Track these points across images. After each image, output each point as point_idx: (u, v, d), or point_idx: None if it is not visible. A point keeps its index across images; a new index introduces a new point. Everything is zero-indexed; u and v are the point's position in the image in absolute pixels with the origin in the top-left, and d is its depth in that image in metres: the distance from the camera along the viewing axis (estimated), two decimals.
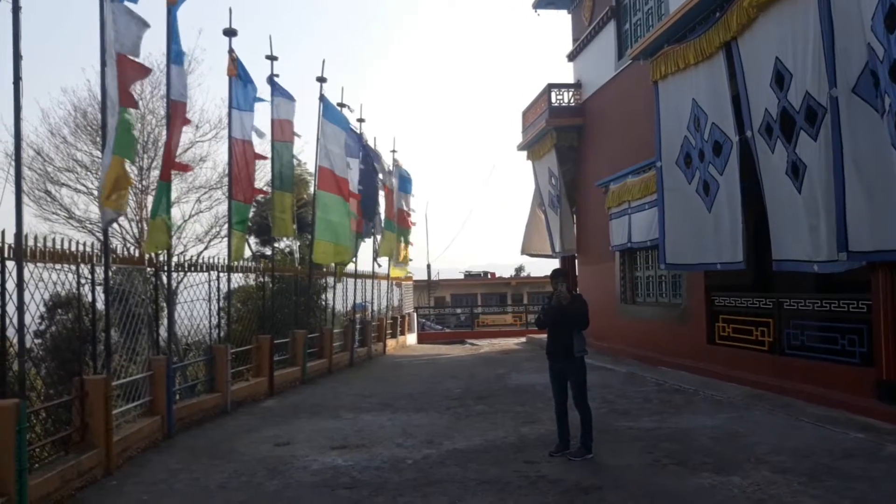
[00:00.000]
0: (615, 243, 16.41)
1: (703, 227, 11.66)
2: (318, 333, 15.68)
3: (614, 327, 16.76)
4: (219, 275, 11.08)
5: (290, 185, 13.64)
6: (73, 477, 6.54)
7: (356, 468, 7.16)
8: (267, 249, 21.05)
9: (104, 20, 7.53)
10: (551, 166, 20.02)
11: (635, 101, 15.25)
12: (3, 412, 5.60)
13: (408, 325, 25.60)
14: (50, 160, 18.22)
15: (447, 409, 10.55)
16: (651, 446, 7.73)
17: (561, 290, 7.48)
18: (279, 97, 13.11)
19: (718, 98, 11.06)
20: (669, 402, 10.59)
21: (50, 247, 6.81)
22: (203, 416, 9.83)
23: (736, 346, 12.01)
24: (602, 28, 18.20)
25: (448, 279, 46.81)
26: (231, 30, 11.20)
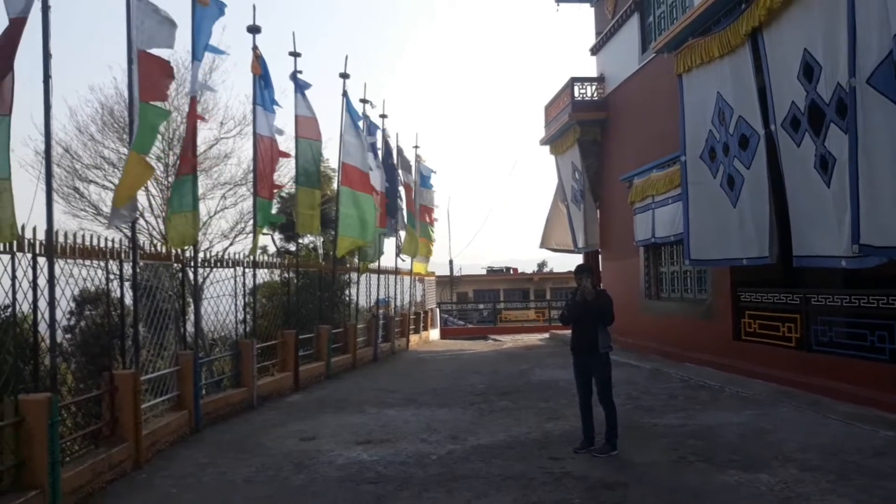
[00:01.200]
0: (639, 238, 16.29)
1: (728, 222, 11.54)
2: (342, 329, 15.76)
3: (638, 323, 16.65)
4: (244, 271, 11.17)
5: (316, 182, 13.71)
6: (103, 470, 6.65)
7: (381, 463, 7.20)
8: (291, 245, 21.20)
9: (130, 18, 7.62)
10: (574, 161, 19.92)
11: (659, 94, 15.12)
12: (36, 406, 5.70)
13: (430, 320, 25.66)
14: (78, 157, 18.51)
15: (471, 404, 10.56)
16: (676, 443, 7.69)
17: (585, 285, 7.45)
18: (302, 94, 13.17)
19: (745, 91, 10.92)
20: (695, 398, 10.52)
21: (80, 243, 6.91)
22: (229, 411, 9.93)
23: (762, 343, 11.88)
24: (625, 21, 18.05)
25: (470, 275, 46.75)
26: (255, 27, 11.26)
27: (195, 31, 9.00)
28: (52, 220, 6.11)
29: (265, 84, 11.61)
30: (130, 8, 7.57)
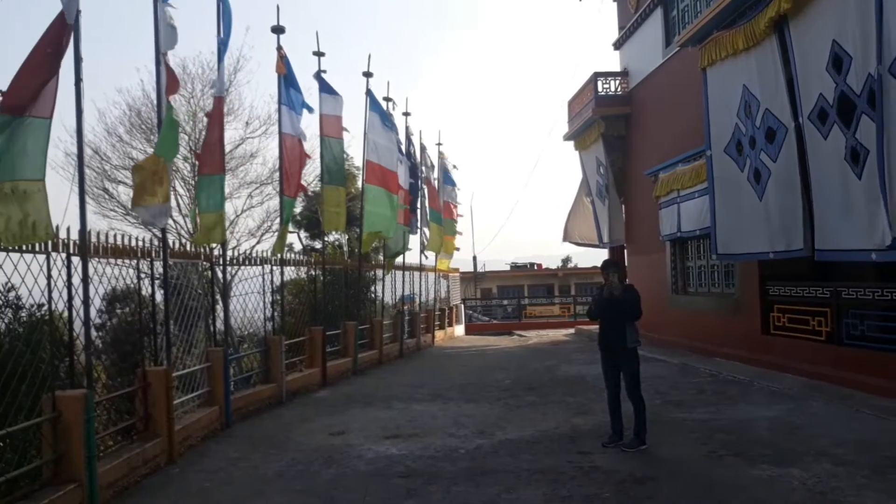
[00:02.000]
0: (664, 233, 16.19)
1: (755, 216, 11.43)
2: (368, 325, 15.85)
3: (665, 318, 16.56)
4: (272, 268, 11.28)
5: (341, 180, 13.80)
6: (138, 464, 6.77)
7: (410, 457, 7.24)
8: (317, 243, 21.35)
9: (157, 21, 7.73)
10: (599, 156, 19.83)
11: (684, 88, 15.00)
12: (72, 402, 5.82)
13: (455, 316, 25.70)
14: (107, 159, 18.80)
15: (498, 399, 10.58)
16: (706, 437, 7.64)
17: (613, 280, 7.43)
18: (326, 93, 13.25)
19: (771, 83, 10.80)
20: (724, 393, 10.44)
21: (112, 243, 7.03)
22: (259, 407, 10.05)
23: (792, 337, 11.75)
24: (649, 15, 17.92)
25: (494, 271, 46.73)
26: (279, 27, 11.35)
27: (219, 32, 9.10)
28: (86, 220, 6.22)
29: (290, 84, 11.69)
30: (157, 11, 7.67)
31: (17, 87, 5.39)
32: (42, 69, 5.52)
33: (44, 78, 5.51)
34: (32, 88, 5.43)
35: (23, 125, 5.37)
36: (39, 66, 5.51)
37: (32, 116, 5.45)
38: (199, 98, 18.59)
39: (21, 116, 5.37)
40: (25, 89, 5.40)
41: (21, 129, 5.36)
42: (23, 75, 5.42)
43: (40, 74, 5.50)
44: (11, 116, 5.31)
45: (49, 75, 5.53)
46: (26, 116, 5.40)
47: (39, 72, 5.50)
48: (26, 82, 5.42)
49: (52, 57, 5.57)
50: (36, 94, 5.45)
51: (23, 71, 5.43)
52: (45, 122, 5.55)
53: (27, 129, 5.39)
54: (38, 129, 5.50)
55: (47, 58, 5.55)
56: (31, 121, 5.43)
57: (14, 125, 5.30)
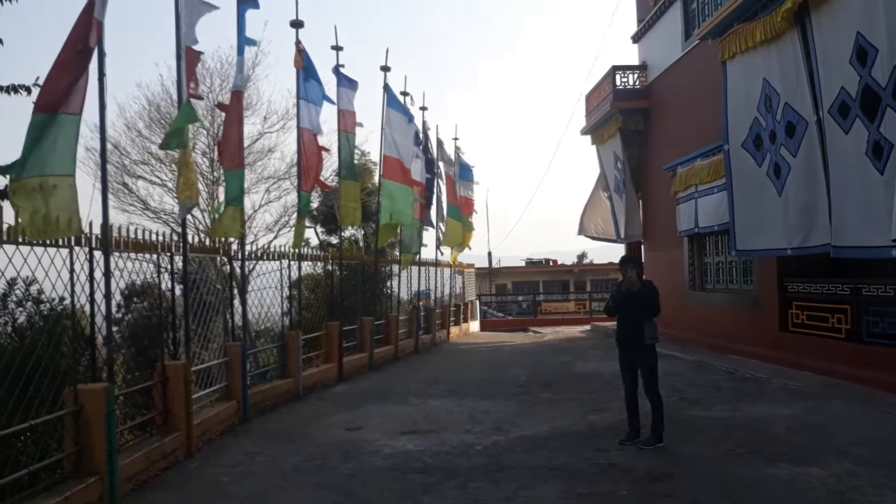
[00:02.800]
0: (682, 228, 16.09)
1: (774, 212, 11.33)
2: (384, 320, 15.89)
3: (682, 315, 16.47)
4: (290, 263, 11.33)
5: (357, 174, 13.82)
6: (157, 458, 6.83)
7: (426, 453, 7.26)
8: (333, 238, 21.40)
9: (179, 15, 7.75)
10: (616, 150, 19.74)
11: (704, 81, 14.88)
12: (94, 395, 5.88)
13: (470, 312, 25.71)
14: (126, 153, 18.92)
15: (513, 396, 10.57)
16: (724, 435, 7.60)
17: (631, 276, 7.40)
18: (344, 87, 13.27)
19: (792, 77, 10.70)
20: (741, 390, 10.38)
21: (133, 237, 7.09)
22: (276, 402, 10.10)
23: (810, 334, 11.66)
24: (668, 8, 17.80)
25: (509, 266, 46.66)
26: (298, 21, 11.37)
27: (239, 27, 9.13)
28: (108, 214, 6.27)
29: (309, 76, 11.70)
30: (179, 5, 7.70)
31: (50, 87, 5.46)
32: (73, 67, 5.58)
33: (75, 75, 5.57)
34: (64, 86, 5.50)
35: (55, 122, 5.43)
36: (70, 63, 5.57)
37: (64, 113, 5.51)
38: (218, 93, 18.66)
39: (55, 114, 5.43)
40: (58, 88, 5.46)
41: (52, 126, 5.42)
42: (54, 74, 5.49)
43: (71, 72, 5.56)
44: (45, 115, 5.38)
45: (80, 73, 5.59)
46: (59, 113, 5.47)
47: (70, 69, 5.56)
48: (58, 81, 5.49)
49: (81, 54, 5.62)
50: (68, 92, 5.52)
51: (54, 70, 5.49)
52: (75, 118, 5.61)
53: (58, 125, 5.46)
54: (69, 125, 5.57)
55: (77, 55, 5.60)
56: (62, 117, 5.50)
57: (47, 123, 5.37)
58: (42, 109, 5.37)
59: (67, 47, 5.56)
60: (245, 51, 9.42)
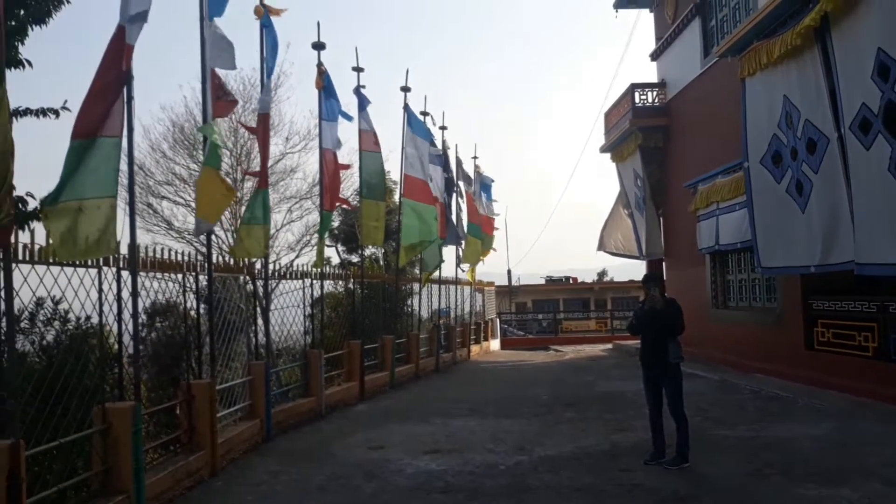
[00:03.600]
0: (702, 246, 16.01)
1: (796, 229, 11.25)
2: (405, 339, 15.90)
3: (705, 333, 16.31)
4: (312, 282, 11.40)
5: (379, 194, 13.91)
6: (182, 477, 6.87)
7: (449, 473, 7.24)
8: (353, 257, 21.51)
9: (204, 39, 7.89)
10: (636, 168, 19.70)
11: (724, 98, 14.85)
12: (121, 414, 5.94)
13: (491, 330, 25.63)
14: (151, 174, 19.22)
15: (536, 415, 10.52)
16: (750, 455, 7.51)
17: (654, 294, 7.37)
18: (365, 108, 13.39)
19: (812, 94, 10.65)
20: (767, 410, 10.26)
21: (159, 257, 7.19)
22: (299, 420, 10.13)
23: (837, 352, 11.51)
24: (686, 25, 17.81)
25: (529, 284, 46.50)
26: (319, 43, 11.52)
27: (264, 50, 9.27)
28: (135, 234, 6.37)
29: (328, 97, 11.82)
30: (203, 28, 7.84)
31: (87, 113, 5.60)
32: (109, 92, 5.72)
33: (111, 100, 5.70)
34: (101, 111, 5.63)
35: (94, 146, 5.56)
36: (106, 88, 5.71)
37: (104, 136, 5.64)
38: (240, 114, 18.91)
39: (94, 138, 5.56)
40: (94, 113, 5.60)
41: (92, 150, 5.56)
42: (90, 100, 5.63)
43: (107, 97, 5.70)
44: (83, 140, 5.51)
45: (115, 97, 5.73)
46: (98, 137, 5.60)
47: (106, 94, 5.71)
48: (94, 106, 5.63)
49: (115, 79, 5.76)
50: (105, 116, 5.65)
51: (90, 96, 5.64)
52: (115, 140, 5.75)
53: (98, 148, 5.60)
54: (110, 147, 5.70)
55: (112, 81, 5.74)
56: (102, 140, 5.64)
57: (86, 147, 5.50)
58: (79, 135, 5.50)
59: (101, 73, 5.70)
60: (272, 76, 9.57)
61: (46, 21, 8.03)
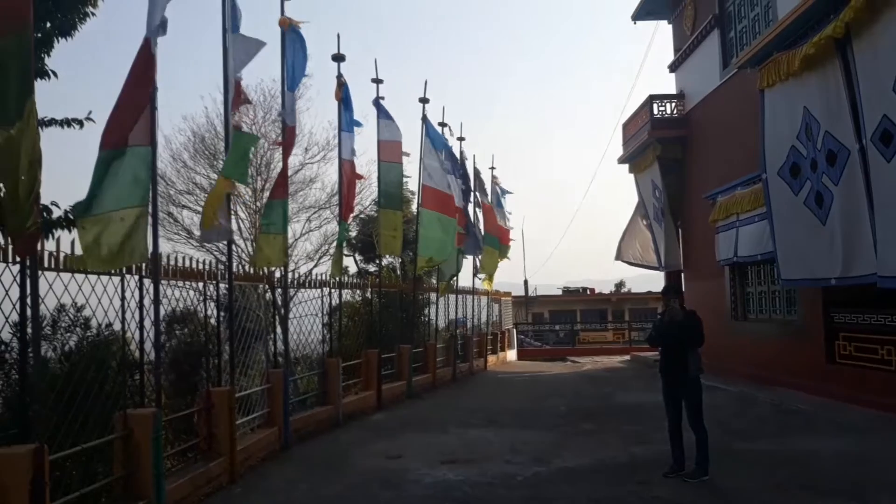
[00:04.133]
0: (721, 257, 15.90)
1: (816, 241, 11.15)
2: (422, 348, 15.90)
3: (724, 345, 16.17)
4: (330, 291, 11.45)
5: (397, 204, 13.96)
6: (202, 483, 6.91)
7: (467, 483, 7.22)
8: (370, 266, 21.58)
9: (226, 50, 7.98)
10: (654, 179, 19.64)
11: (743, 110, 14.78)
12: (142, 420, 6.00)
13: (507, 341, 25.58)
14: (172, 184, 19.43)
15: (554, 426, 10.48)
16: (771, 469, 7.44)
17: (674, 306, 7.33)
18: (385, 119, 13.47)
19: (832, 105, 10.58)
20: (787, 423, 10.15)
21: (181, 266, 7.26)
22: (316, 429, 10.15)
23: (859, 366, 11.37)
24: (705, 37, 17.77)
25: (546, 295, 46.39)
26: (339, 55, 11.62)
27: (290, 62, 9.37)
28: (158, 244, 6.44)
29: (346, 108, 11.91)
30: (226, 40, 7.93)
31: (116, 123, 5.70)
32: (137, 102, 5.82)
33: (139, 110, 5.79)
34: (130, 122, 5.73)
35: (124, 156, 5.65)
36: (134, 99, 5.82)
37: (134, 146, 5.74)
38: (261, 125, 19.10)
39: (123, 148, 5.65)
40: (124, 123, 5.69)
41: (122, 160, 5.65)
42: (119, 111, 5.73)
43: (135, 107, 5.80)
44: (112, 151, 5.60)
45: (143, 107, 5.82)
46: (129, 147, 5.69)
47: (135, 105, 5.80)
48: (123, 117, 5.72)
49: (143, 90, 5.86)
50: (133, 125, 5.74)
51: (119, 107, 5.74)
52: (144, 149, 5.84)
53: (128, 158, 5.69)
54: (139, 156, 5.79)
55: (139, 91, 5.84)
56: (131, 150, 5.72)
57: (116, 157, 5.59)
58: (109, 146, 5.60)
59: (129, 84, 5.79)
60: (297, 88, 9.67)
61: (72, 33, 8.16)
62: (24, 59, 4.62)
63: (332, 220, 19.83)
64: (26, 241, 4.74)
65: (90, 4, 8.18)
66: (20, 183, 4.55)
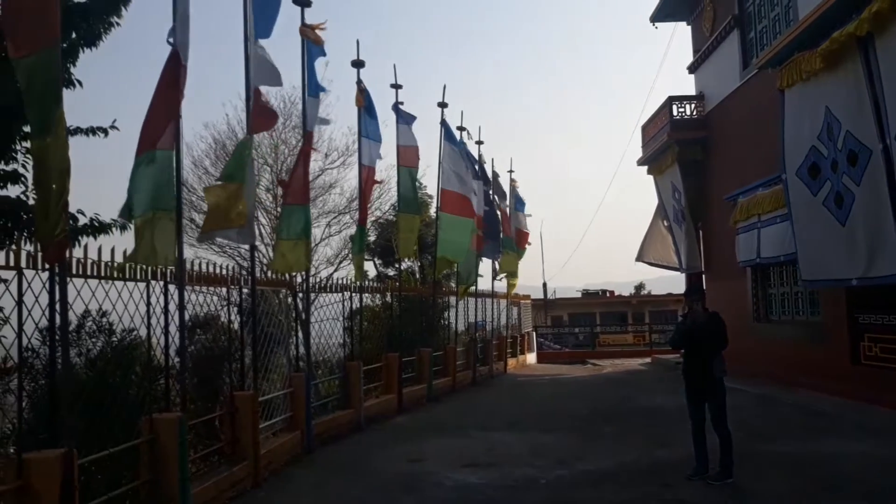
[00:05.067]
0: (742, 258, 15.80)
1: (836, 242, 11.06)
2: (442, 352, 15.93)
3: (746, 347, 16.02)
4: (351, 295, 11.51)
5: (415, 208, 14.02)
6: (226, 487, 6.97)
7: (489, 486, 7.23)
8: (389, 270, 21.65)
9: (248, 58, 8.07)
10: (674, 181, 19.54)
11: (764, 110, 14.68)
12: (167, 424, 6.07)
13: (527, 344, 25.54)
14: (193, 190, 19.62)
15: (575, 429, 10.46)
16: (796, 472, 7.38)
17: (696, 308, 7.31)
18: (403, 124, 13.54)
19: (854, 105, 10.49)
20: (811, 425, 10.06)
21: (205, 271, 7.34)
22: (338, 432, 10.20)
23: (884, 367, 11.24)
24: (725, 38, 17.67)
25: (565, 298, 46.20)
26: (359, 61, 11.67)
27: (309, 69, 9.45)
28: (182, 250, 6.52)
29: (368, 114, 11.98)
30: (248, 49, 8.01)
31: (150, 128, 5.83)
32: (167, 109, 5.93)
33: (170, 118, 5.91)
34: (161, 127, 5.85)
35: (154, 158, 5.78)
36: (163, 105, 5.92)
37: (160, 150, 5.87)
38: (281, 131, 19.25)
39: (153, 151, 5.79)
40: (156, 129, 5.83)
41: (153, 163, 5.77)
42: (152, 118, 5.87)
43: (167, 114, 5.91)
44: (147, 154, 5.73)
45: (174, 114, 5.94)
46: (156, 150, 5.82)
47: (164, 111, 5.91)
48: (156, 122, 5.85)
49: (174, 98, 5.98)
50: (163, 131, 5.86)
51: (151, 114, 5.89)
52: (170, 153, 5.97)
53: (158, 161, 5.81)
54: (166, 159, 5.92)
55: (170, 99, 5.95)
56: (159, 154, 5.86)
57: (148, 161, 5.72)
58: (144, 150, 5.73)
59: (160, 91, 5.91)
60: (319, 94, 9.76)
61: (97, 43, 8.30)
62: (53, 72, 4.74)
63: (351, 225, 19.95)
64: (55, 249, 4.82)
65: (116, 15, 8.31)
66: (50, 191, 4.64)
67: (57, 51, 4.78)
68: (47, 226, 4.69)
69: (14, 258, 4.87)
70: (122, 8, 8.49)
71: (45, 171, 4.63)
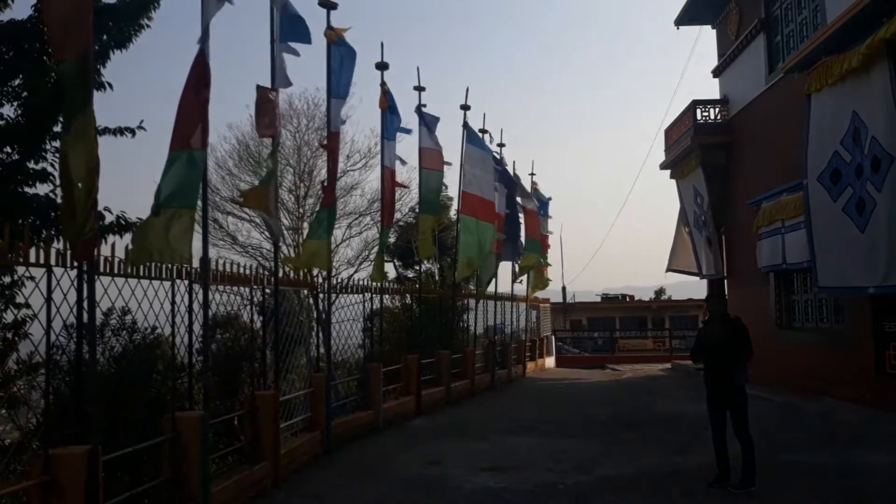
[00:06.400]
0: (764, 264, 15.62)
1: (853, 249, 10.91)
2: (461, 354, 15.91)
3: (768, 354, 15.84)
4: (371, 296, 11.54)
5: (436, 210, 14.04)
6: (247, 486, 7.01)
7: (508, 491, 7.21)
8: (409, 272, 21.69)
9: (274, 60, 8.12)
10: (697, 185, 19.37)
11: (789, 115, 14.52)
12: (190, 423, 6.12)
13: (546, 347, 25.46)
14: (217, 191, 19.82)
15: (594, 434, 10.41)
16: (820, 482, 7.29)
17: (714, 319, 7.25)
18: (426, 127, 13.55)
19: (880, 110, 10.34)
20: (835, 435, 9.94)
21: (229, 271, 7.39)
22: (357, 433, 10.23)
23: None
24: (751, 41, 17.50)
25: (584, 302, 45.93)
26: (383, 63, 11.70)
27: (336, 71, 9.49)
28: (207, 250, 6.58)
29: (391, 116, 12.00)
30: (274, 51, 8.06)
31: (181, 127, 5.89)
32: (197, 109, 6.00)
33: (200, 117, 5.98)
34: (192, 126, 5.91)
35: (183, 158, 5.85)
36: (193, 105, 6.00)
37: (191, 150, 5.94)
38: (304, 132, 19.37)
39: (184, 150, 5.86)
40: (187, 127, 5.90)
41: (183, 161, 5.83)
42: (182, 115, 5.95)
43: (196, 114, 5.98)
44: (178, 152, 5.81)
45: (203, 114, 6.01)
46: (187, 150, 5.88)
47: (194, 111, 5.99)
48: (187, 120, 5.92)
49: (203, 98, 6.05)
50: (194, 130, 5.93)
51: (181, 112, 5.98)
52: (200, 154, 6.02)
53: (190, 160, 5.87)
54: (196, 159, 5.97)
55: (199, 99, 6.02)
56: (190, 154, 5.92)
57: (178, 159, 5.79)
58: (176, 148, 5.80)
59: (188, 90, 5.98)
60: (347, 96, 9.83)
61: (127, 45, 8.40)
62: (85, 76, 4.81)
63: (372, 227, 20.02)
64: (84, 247, 4.88)
65: (146, 17, 8.41)
66: (78, 190, 4.70)
67: (88, 56, 4.85)
68: (75, 224, 4.75)
69: (44, 256, 4.93)
70: (151, 10, 8.58)
71: (74, 169, 4.68)
